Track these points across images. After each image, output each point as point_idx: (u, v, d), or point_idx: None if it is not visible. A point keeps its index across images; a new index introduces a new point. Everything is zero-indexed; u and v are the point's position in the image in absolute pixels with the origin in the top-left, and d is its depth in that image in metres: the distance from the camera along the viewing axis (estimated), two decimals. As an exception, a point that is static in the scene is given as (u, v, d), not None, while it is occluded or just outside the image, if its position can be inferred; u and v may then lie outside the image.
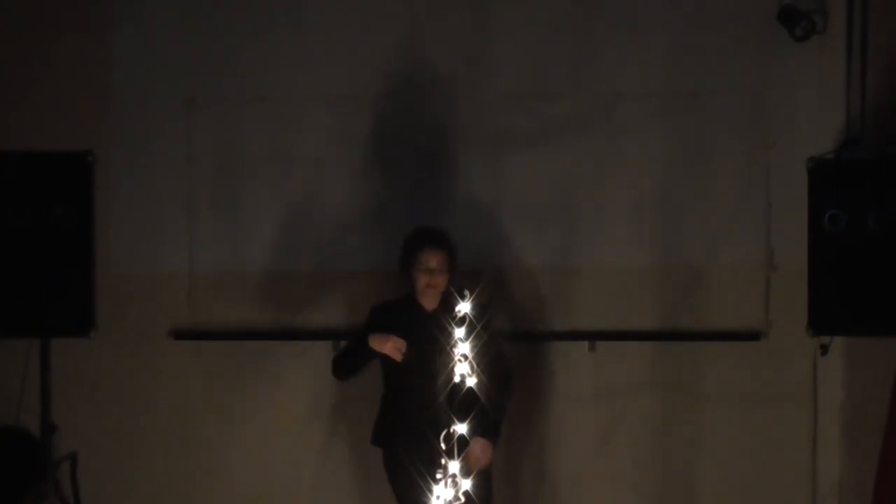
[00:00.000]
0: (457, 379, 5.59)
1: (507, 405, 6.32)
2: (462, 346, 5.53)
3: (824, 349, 6.50)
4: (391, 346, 6.14)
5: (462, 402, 5.92)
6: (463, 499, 5.12)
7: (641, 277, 6.92)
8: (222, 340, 6.95)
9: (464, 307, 5.60)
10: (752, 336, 6.90)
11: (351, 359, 6.35)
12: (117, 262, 6.91)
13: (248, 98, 6.97)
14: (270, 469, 6.96)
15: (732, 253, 6.92)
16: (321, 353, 6.90)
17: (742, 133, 6.92)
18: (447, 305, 6.15)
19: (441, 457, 5.40)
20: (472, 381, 5.58)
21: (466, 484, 5.14)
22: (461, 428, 5.38)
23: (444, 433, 5.37)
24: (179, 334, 6.97)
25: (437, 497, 5.09)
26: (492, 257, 6.85)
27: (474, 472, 5.56)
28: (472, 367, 5.56)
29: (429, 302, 6.27)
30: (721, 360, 6.92)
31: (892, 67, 6.68)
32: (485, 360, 6.14)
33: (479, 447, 6.10)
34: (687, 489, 6.96)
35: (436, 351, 5.97)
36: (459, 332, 5.56)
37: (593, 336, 6.90)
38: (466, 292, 5.74)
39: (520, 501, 6.87)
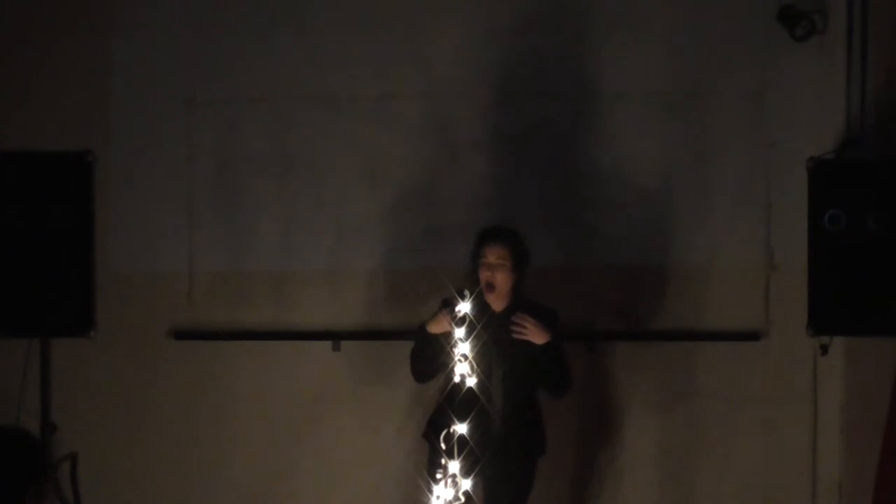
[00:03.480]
0: (457, 379, 5.59)
1: (564, 369, 6.14)
2: (462, 346, 5.53)
3: (824, 349, 6.50)
4: (447, 322, 5.87)
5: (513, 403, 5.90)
6: (463, 499, 5.13)
7: (641, 277, 6.92)
8: (222, 340, 6.95)
9: (464, 307, 5.61)
10: (752, 336, 6.91)
11: (422, 357, 6.09)
12: (117, 262, 6.91)
13: (248, 98, 6.98)
14: (270, 469, 6.96)
15: (732, 253, 6.92)
16: (321, 353, 6.90)
17: (742, 133, 6.92)
18: (516, 307, 6.12)
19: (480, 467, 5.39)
20: (471, 381, 5.58)
21: (466, 484, 5.14)
22: (461, 428, 5.38)
23: (444, 433, 5.38)
24: (179, 334, 6.97)
25: (437, 497, 5.09)
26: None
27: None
28: (472, 367, 5.56)
29: (496, 302, 6.09)
30: (721, 360, 6.92)
31: (892, 67, 6.68)
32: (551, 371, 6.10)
33: (537, 323, 5.98)
34: (687, 489, 6.96)
35: (499, 353, 5.93)
36: (459, 332, 5.55)
37: (593, 336, 6.90)
38: (466, 292, 5.75)
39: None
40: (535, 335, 6.00)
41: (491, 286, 6.04)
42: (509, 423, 5.98)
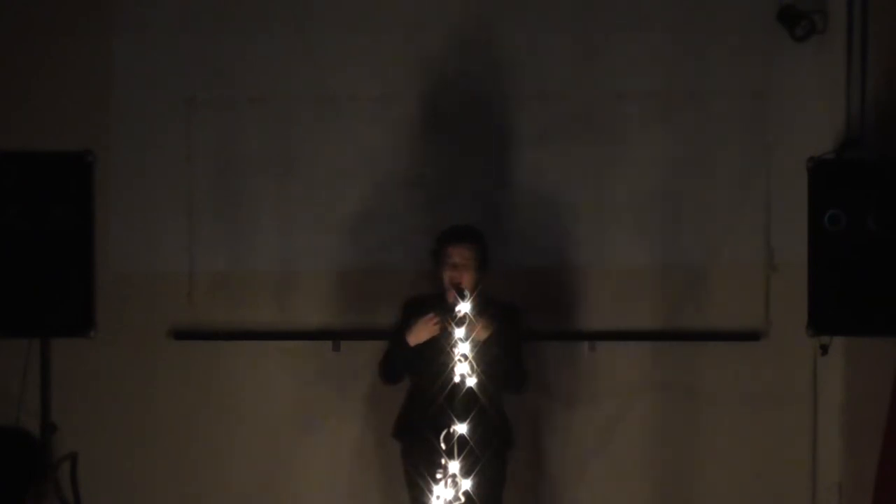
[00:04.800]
0: (457, 379, 5.59)
1: (521, 367, 6.21)
2: (462, 346, 5.53)
3: (824, 349, 6.50)
4: (427, 332, 6.01)
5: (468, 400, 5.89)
6: (463, 499, 5.13)
7: (641, 277, 6.93)
8: (222, 340, 6.95)
9: (464, 307, 5.61)
10: (752, 336, 6.91)
11: (394, 359, 6.21)
12: (117, 262, 6.91)
13: (248, 98, 6.98)
14: (270, 469, 6.96)
15: (732, 253, 6.92)
16: (321, 353, 6.90)
17: (742, 133, 6.93)
18: (479, 306, 6.09)
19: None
20: (471, 381, 5.59)
21: (466, 484, 5.14)
22: (461, 428, 5.38)
23: (444, 433, 5.38)
24: (179, 334, 6.97)
25: (437, 497, 5.09)
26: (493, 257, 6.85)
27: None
28: (471, 367, 5.57)
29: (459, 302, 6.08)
30: (721, 360, 6.92)
31: (892, 67, 6.68)
32: (502, 364, 6.10)
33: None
34: (687, 489, 6.96)
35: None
36: (459, 333, 5.56)
37: (593, 336, 6.90)
38: (466, 292, 5.75)
39: (521, 501, 6.87)
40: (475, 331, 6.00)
41: (455, 284, 6.05)
42: (476, 420, 5.97)
